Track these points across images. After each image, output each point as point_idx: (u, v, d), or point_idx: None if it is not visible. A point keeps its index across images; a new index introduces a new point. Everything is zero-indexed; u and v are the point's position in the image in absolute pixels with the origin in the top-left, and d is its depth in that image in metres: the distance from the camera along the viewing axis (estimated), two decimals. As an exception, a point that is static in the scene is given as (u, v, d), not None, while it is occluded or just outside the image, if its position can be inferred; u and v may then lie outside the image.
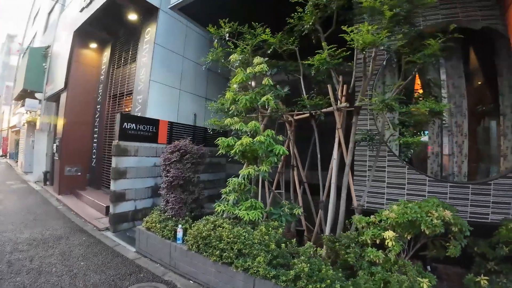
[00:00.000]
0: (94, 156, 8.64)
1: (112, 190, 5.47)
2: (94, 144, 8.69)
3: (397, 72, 4.68)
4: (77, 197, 7.98)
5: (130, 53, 7.88)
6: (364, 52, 3.04)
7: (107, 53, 8.82)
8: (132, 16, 7.16)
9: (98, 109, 8.76)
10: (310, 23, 3.61)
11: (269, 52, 4.16)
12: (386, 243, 2.78)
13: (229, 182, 3.95)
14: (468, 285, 2.79)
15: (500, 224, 3.10)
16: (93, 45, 8.85)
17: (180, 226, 4.09)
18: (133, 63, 7.70)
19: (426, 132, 4.66)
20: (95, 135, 8.71)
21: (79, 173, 8.45)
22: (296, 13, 3.78)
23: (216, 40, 4.76)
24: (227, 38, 4.57)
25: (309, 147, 5.25)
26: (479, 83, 4.93)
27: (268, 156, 3.70)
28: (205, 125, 5.31)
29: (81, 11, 7.84)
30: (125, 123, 5.69)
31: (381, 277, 2.62)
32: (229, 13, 4.78)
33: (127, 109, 7.79)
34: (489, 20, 3.83)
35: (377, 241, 2.90)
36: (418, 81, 4.87)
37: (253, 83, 4.36)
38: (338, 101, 3.95)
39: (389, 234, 2.77)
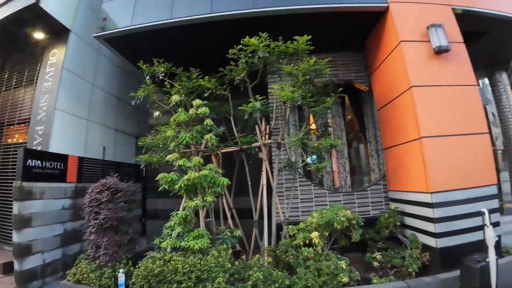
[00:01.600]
0: (-35, 203, 6.50)
1: (16, 242, 4.51)
2: (-34, 188, 6.57)
3: (297, 114, 6.12)
4: (-48, 256, 5.77)
5: (26, 75, 6.67)
6: (286, 104, 4.13)
7: (-13, 72, 7.07)
8: (37, 35, 6.30)
9: (-28, 143, 6.77)
10: (241, 75, 4.47)
11: (205, 95, 4.74)
12: (313, 242, 3.81)
13: (173, 216, 4.15)
14: (368, 261, 4.11)
15: (380, 216, 4.66)
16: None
17: (121, 270, 3.89)
18: (29, 87, 6.53)
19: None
20: (-33, 176, 6.62)
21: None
22: (228, 66, 4.59)
23: (148, 77, 4.97)
24: (161, 77, 4.88)
25: (233, 176, 5.65)
26: (353, 120, 7.12)
27: (210, 188, 4.17)
28: (137, 161, 5.23)
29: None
30: (30, 160, 4.86)
31: (315, 267, 3.57)
32: (159, 51, 5.10)
33: (14, 141, 6.48)
34: (360, 79, 5.91)
35: (307, 242, 3.91)
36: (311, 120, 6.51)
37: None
38: (263, 138, 4.91)
39: (314, 234, 3.85)
